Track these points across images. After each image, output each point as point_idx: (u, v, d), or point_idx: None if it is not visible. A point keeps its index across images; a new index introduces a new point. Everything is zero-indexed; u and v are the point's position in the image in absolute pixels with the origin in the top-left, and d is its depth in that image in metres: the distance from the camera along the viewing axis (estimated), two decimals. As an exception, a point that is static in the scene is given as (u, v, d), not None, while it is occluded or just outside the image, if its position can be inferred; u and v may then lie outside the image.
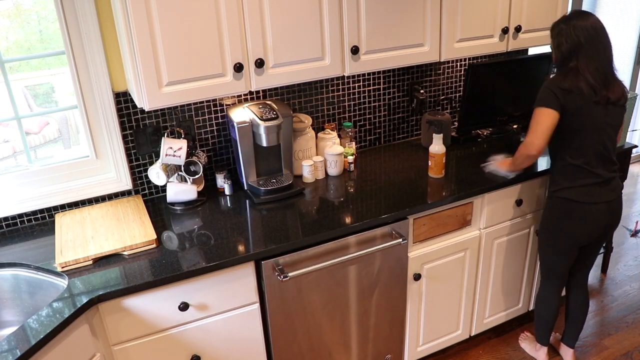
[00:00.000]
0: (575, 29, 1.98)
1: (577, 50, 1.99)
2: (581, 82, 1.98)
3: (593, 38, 1.98)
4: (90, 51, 2.04)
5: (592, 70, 1.98)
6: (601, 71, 1.99)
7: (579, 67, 1.99)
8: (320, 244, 1.98)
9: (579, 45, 1.98)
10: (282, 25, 1.95)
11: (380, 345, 2.34)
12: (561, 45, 2.02)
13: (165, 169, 2.17)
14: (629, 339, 2.71)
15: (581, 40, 1.98)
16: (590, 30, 1.97)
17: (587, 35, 1.97)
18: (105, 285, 1.71)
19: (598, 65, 1.99)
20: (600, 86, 1.99)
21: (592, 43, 1.98)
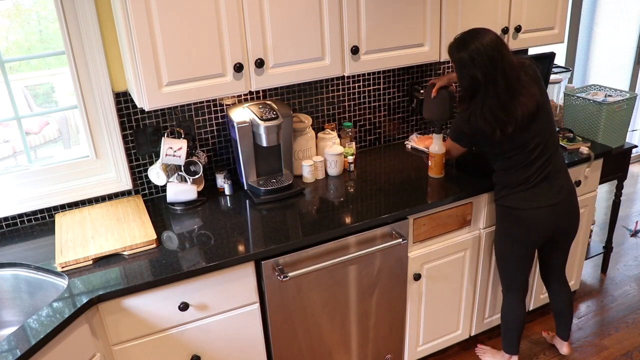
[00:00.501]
0: (473, 61, 1.87)
1: (478, 87, 1.92)
2: (483, 125, 1.94)
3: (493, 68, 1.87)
4: (90, 51, 2.04)
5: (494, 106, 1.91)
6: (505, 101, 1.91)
7: (480, 106, 1.93)
8: (320, 244, 1.98)
9: (478, 82, 1.90)
10: (282, 25, 1.95)
11: (380, 345, 2.34)
12: (462, 78, 1.95)
13: (165, 169, 2.17)
14: (629, 339, 2.71)
15: (478, 75, 1.88)
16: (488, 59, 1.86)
17: (486, 64, 1.87)
18: (105, 285, 1.71)
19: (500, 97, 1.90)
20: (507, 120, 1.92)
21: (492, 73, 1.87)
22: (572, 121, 2.78)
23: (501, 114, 1.92)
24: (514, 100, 1.93)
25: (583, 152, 2.53)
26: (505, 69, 1.89)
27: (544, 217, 2.10)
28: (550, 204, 2.08)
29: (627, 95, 2.72)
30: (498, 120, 1.93)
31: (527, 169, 2.05)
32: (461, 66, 1.92)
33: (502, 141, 1.99)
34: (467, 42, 1.90)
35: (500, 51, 1.89)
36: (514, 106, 1.93)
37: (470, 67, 1.89)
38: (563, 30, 2.60)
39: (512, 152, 2.03)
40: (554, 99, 2.99)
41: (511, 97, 1.93)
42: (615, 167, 2.79)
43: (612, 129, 2.67)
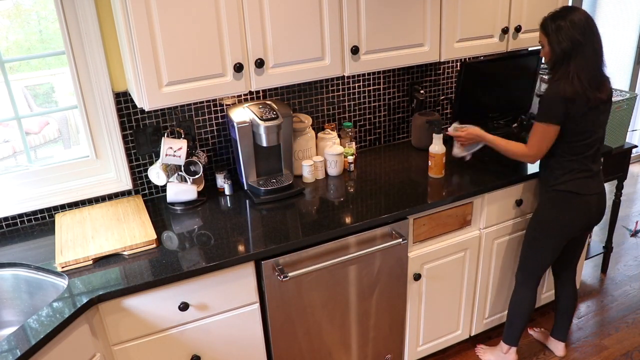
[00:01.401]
0: (573, 26, 1.95)
1: (576, 50, 1.97)
2: (579, 87, 1.97)
3: (590, 36, 1.97)
4: (90, 51, 2.04)
5: (588, 74, 1.97)
6: (595, 73, 2.00)
7: (576, 71, 1.97)
8: (320, 244, 1.98)
9: (578, 44, 1.96)
10: (282, 25, 1.95)
11: (380, 345, 2.34)
12: (561, 43, 1.98)
13: (165, 169, 2.17)
14: (629, 339, 2.71)
15: (580, 38, 1.95)
16: (586, 27, 1.96)
17: (584, 33, 1.96)
18: (105, 285, 1.71)
19: (592, 66, 1.99)
20: (594, 90, 1.99)
21: (589, 42, 1.97)
22: (572, 121, 2.78)
23: (593, 82, 1.98)
24: (600, 80, 2.02)
25: (583, 152, 2.53)
26: (600, 41, 1.99)
27: (593, 205, 2.16)
28: (598, 192, 2.16)
29: (627, 95, 2.72)
30: (591, 84, 1.97)
31: (590, 156, 2.11)
32: (559, 32, 1.97)
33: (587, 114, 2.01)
34: (563, 14, 1.99)
35: (595, 25, 1.98)
36: (604, 77, 2.04)
37: (570, 31, 1.95)
38: (563, 30, 2.59)
39: (585, 135, 2.06)
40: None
41: (602, 67, 2.03)
42: (615, 167, 2.79)
43: (612, 129, 2.67)
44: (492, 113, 2.82)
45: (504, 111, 2.87)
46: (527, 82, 2.87)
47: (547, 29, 2.03)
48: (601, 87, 2.02)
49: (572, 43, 1.96)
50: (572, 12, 1.99)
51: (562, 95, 1.99)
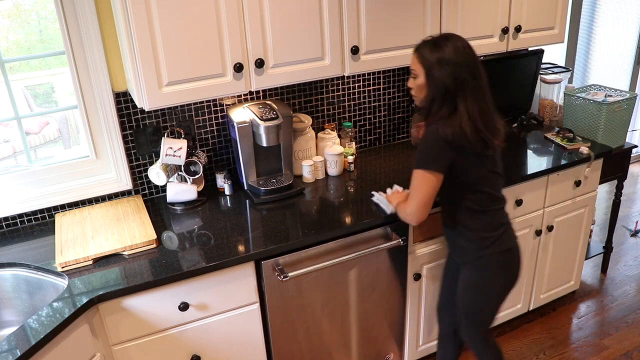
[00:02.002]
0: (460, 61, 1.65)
1: (464, 89, 1.66)
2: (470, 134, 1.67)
3: (478, 71, 1.67)
4: (90, 51, 2.04)
5: (481, 116, 1.68)
6: (489, 114, 1.71)
7: (467, 112, 1.65)
8: (320, 244, 1.98)
9: (464, 82, 1.64)
10: (282, 25, 1.95)
11: (380, 345, 2.34)
12: (444, 78, 1.65)
13: (165, 169, 2.17)
14: (629, 339, 2.71)
15: (465, 76, 1.64)
16: (472, 62, 1.67)
17: (473, 68, 1.66)
18: (105, 285, 1.71)
19: (485, 107, 1.70)
20: (491, 135, 1.71)
21: (478, 78, 1.67)
22: (572, 121, 2.78)
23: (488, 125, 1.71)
24: (494, 114, 1.75)
25: (583, 152, 2.53)
26: (482, 74, 1.70)
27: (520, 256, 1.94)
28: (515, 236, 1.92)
29: (627, 95, 2.72)
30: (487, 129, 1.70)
31: (501, 201, 1.86)
32: (443, 62, 1.66)
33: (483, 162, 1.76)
34: (444, 42, 1.69)
35: (477, 57, 1.71)
36: (496, 119, 1.76)
37: (456, 67, 1.65)
38: (563, 30, 2.60)
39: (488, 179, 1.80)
40: (554, 99, 2.99)
41: (491, 109, 1.74)
42: (615, 167, 2.79)
43: (612, 129, 2.68)
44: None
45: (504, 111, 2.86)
46: (527, 82, 2.87)
47: (428, 58, 1.69)
48: (496, 133, 1.73)
49: (457, 80, 1.65)
50: (455, 41, 1.69)
51: (444, 139, 1.68)
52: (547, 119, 2.98)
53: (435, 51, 1.68)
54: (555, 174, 2.46)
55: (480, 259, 1.88)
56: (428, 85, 1.71)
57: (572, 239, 2.72)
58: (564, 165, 2.46)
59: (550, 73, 2.98)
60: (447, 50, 1.67)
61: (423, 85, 1.73)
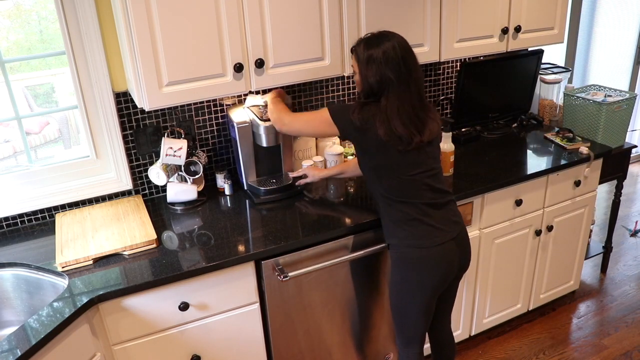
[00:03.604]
0: (387, 61, 1.68)
1: (387, 88, 1.70)
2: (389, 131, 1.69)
3: (405, 72, 1.70)
4: (91, 51, 2.04)
5: (404, 113, 1.70)
6: (415, 111, 1.72)
7: (387, 112, 1.70)
8: (320, 243, 1.98)
9: (389, 82, 1.69)
10: (282, 25, 1.95)
11: (380, 345, 2.34)
12: (369, 77, 1.71)
13: (166, 169, 2.17)
14: (629, 339, 2.71)
15: (391, 76, 1.68)
16: (401, 63, 1.69)
17: (399, 69, 1.69)
18: (105, 285, 1.71)
19: (410, 105, 1.71)
20: (413, 131, 1.71)
21: (404, 79, 1.70)
22: (572, 121, 2.79)
23: (416, 121, 1.72)
24: (427, 113, 1.77)
25: (583, 152, 2.53)
26: (417, 74, 1.74)
27: (451, 255, 1.84)
28: (453, 237, 1.83)
29: (626, 95, 2.73)
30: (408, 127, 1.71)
31: (422, 193, 1.79)
32: (369, 63, 1.71)
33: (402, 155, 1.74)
34: (378, 40, 1.73)
35: (413, 55, 1.75)
36: (427, 118, 1.77)
37: (381, 66, 1.69)
38: (563, 30, 2.60)
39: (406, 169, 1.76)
40: (554, 99, 2.99)
41: (423, 107, 1.76)
42: (615, 167, 2.79)
43: (611, 129, 2.68)
44: (492, 113, 2.83)
45: (504, 111, 2.88)
46: (527, 82, 2.87)
47: (359, 56, 1.75)
48: (422, 129, 1.73)
49: (382, 80, 1.70)
50: (387, 40, 1.71)
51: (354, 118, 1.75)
52: (547, 119, 2.98)
53: (366, 50, 1.74)
54: (555, 174, 2.46)
55: (390, 250, 1.90)
56: (361, 81, 1.78)
57: (572, 239, 2.72)
58: (564, 165, 2.46)
59: (550, 73, 2.98)
60: (377, 50, 1.71)
61: (359, 80, 1.80)
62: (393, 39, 1.73)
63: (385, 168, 1.78)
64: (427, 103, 1.82)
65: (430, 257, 1.81)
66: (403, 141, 1.72)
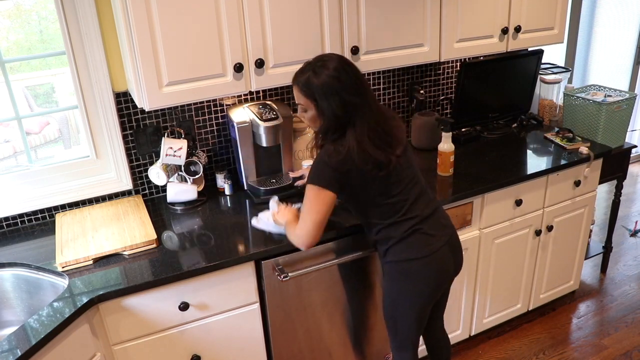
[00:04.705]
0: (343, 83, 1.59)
1: (353, 112, 1.61)
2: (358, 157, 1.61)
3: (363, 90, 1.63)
4: (91, 51, 2.04)
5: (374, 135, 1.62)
6: (381, 127, 1.65)
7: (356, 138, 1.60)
8: (320, 243, 1.97)
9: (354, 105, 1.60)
10: (282, 25, 1.95)
11: (380, 345, 2.34)
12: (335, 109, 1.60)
13: (166, 169, 2.17)
14: (629, 339, 2.72)
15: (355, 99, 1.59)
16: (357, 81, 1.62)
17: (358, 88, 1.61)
18: (105, 285, 1.71)
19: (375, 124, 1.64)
20: (388, 150, 1.66)
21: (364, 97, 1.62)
22: (572, 121, 2.79)
23: (386, 137, 1.67)
24: (390, 122, 1.72)
25: (582, 152, 2.53)
26: (368, 88, 1.67)
27: (445, 260, 1.81)
28: (446, 240, 1.80)
29: (626, 95, 2.73)
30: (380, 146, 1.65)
31: (412, 207, 1.75)
32: (328, 93, 1.60)
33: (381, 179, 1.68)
34: (323, 65, 1.62)
35: (355, 67, 1.66)
36: (393, 127, 1.72)
37: (341, 92, 1.60)
38: (563, 30, 2.60)
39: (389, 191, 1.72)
40: (554, 99, 2.99)
41: (385, 119, 1.70)
42: (615, 167, 2.79)
43: (611, 129, 2.68)
44: (492, 113, 2.83)
45: (504, 111, 2.88)
46: (527, 82, 2.87)
47: (310, 89, 1.63)
48: (392, 142, 1.68)
49: (346, 106, 1.60)
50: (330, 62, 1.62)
51: (335, 165, 1.63)
52: (547, 119, 2.98)
53: (317, 80, 1.61)
54: (554, 174, 2.46)
55: (385, 265, 1.84)
56: (320, 116, 1.65)
57: (572, 239, 2.72)
58: (564, 165, 2.46)
59: (550, 73, 2.98)
60: (329, 77, 1.60)
61: (315, 117, 1.67)
62: (333, 59, 1.63)
63: (371, 199, 1.72)
64: (384, 110, 1.74)
65: (426, 267, 1.77)
66: (382, 166, 1.65)
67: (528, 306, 2.75)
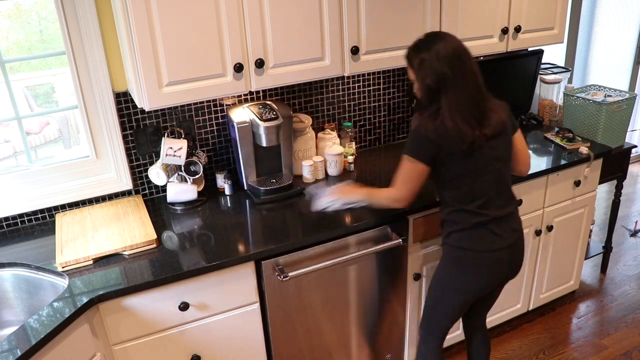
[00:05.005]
0: (439, 58, 1.68)
1: (445, 85, 1.70)
2: (451, 127, 1.70)
3: (459, 67, 1.70)
4: (91, 51, 2.04)
5: (464, 109, 1.70)
6: (474, 106, 1.73)
7: (448, 107, 1.70)
8: (320, 243, 1.98)
9: (445, 78, 1.69)
10: (282, 25, 1.95)
11: (380, 345, 2.34)
12: (425, 78, 1.71)
13: (166, 169, 2.17)
14: (629, 339, 2.72)
15: (447, 72, 1.68)
16: (454, 58, 1.69)
17: (452, 64, 1.69)
18: (105, 285, 1.71)
19: (470, 100, 1.72)
20: (474, 126, 1.71)
21: (459, 74, 1.69)
22: (572, 121, 2.79)
23: (476, 114, 1.72)
24: (486, 103, 1.77)
25: (582, 152, 2.53)
26: (473, 67, 1.73)
27: (503, 261, 1.86)
28: (509, 244, 1.84)
29: (626, 95, 2.73)
30: (469, 121, 1.71)
31: (487, 202, 1.80)
32: (423, 66, 1.72)
33: (468, 154, 1.74)
34: (428, 43, 1.73)
35: (466, 50, 1.73)
36: (487, 109, 1.76)
37: (435, 64, 1.69)
38: (563, 30, 2.60)
39: (471, 176, 1.78)
40: (554, 99, 2.99)
41: (483, 99, 1.75)
42: (615, 167, 2.79)
43: (611, 129, 2.68)
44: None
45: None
46: (527, 82, 2.87)
47: (412, 63, 1.77)
48: (484, 123, 1.74)
49: (438, 78, 1.69)
50: (437, 41, 1.72)
51: (427, 135, 1.73)
52: (547, 119, 2.98)
53: (418, 53, 1.75)
54: (554, 174, 2.46)
55: (443, 247, 1.93)
56: (419, 86, 1.78)
57: (572, 238, 2.72)
58: (564, 165, 2.46)
59: (550, 73, 2.99)
60: (428, 51, 1.71)
61: (418, 87, 1.79)
62: (444, 39, 1.73)
63: (452, 180, 1.80)
64: (487, 95, 1.79)
65: (479, 262, 1.84)
66: (466, 138, 1.71)
67: (528, 306, 2.75)
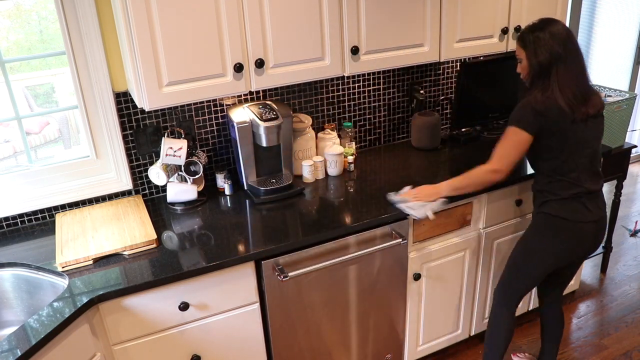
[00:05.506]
0: (553, 38, 1.85)
1: (557, 62, 1.85)
2: (560, 100, 1.85)
3: (570, 48, 1.87)
4: (91, 51, 2.04)
5: (572, 85, 1.86)
6: (580, 85, 1.89)
7: (558, 83, 1.86)
8: (320, 243, 1.98)
9: (558, 56, 1.85)
10: (282, 25, 1.95)
11: (380, 345, 2.34)
12: (539, 55, 1.87)
13: (166, 169, 2.17)
14: (629, 339, 2.72)
15: (559, 50, 1.84)
16: (567, 40, 1.86)
17: (565, 45, 1.85)
18: (105, 285, 1.71)
19: (577, 78, 1.88)
20: (579, 103, 1.87)
21: (570, 54, 1.86)
22: (572, 121, 2.78)
23: (582, 92, 1.88)
24: (590, 88, 1.93)
25: (583, 152, 2.53)
26: (580, 50, 1.91)
27: (589, 233, 1.99)
28: (595, 219, 1.98)
29: (626, 95, 2.73)
30: (576, 97, 1.86)
31: (583, 176, 1.95)
32: (537, 44, 1.88)
33: (570, 129, 1.88)
34: (542, 26, 1.90)
35: (575, 38, 1.90)
36: (590, 90, 1.93)
37: (549, 43, 1.85)
38: (563, 30, 2.60)
39: (570, 149, 1.91)
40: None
41: (587, 80, 1.93)
42: (615, 167, 2.79)
43: (611, 129, 2.68)
44: (492, 113, 2.83)
45: (504, 111, 2.87)
46: (527, 82, 2.87)
47: (525, 41, 1.92)
48: (587, 101, 1.90)
49: (551, 55, 1.85)
50: (551, 24, 1.89)
51: (535, 105, 1.88)
52: (547, 119, 2.97)
53: (533, 32, 1.91)
54: (555, 174, 2.46)
55: (537, 215, 2.06)
56: (528, 65, 1.92)
57: (572, 238, 2.72)
58: (564, 165, 2.46)
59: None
60: (543, 31, 1.88)
61: (525, 66, 1.94)
62: (557, 23, 1.89)
63: (553, 150, 1.93)
64: (588, 77, 1.94)
65: (571, 231, 1.97)
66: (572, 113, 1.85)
67: (529, 306, 2.75)
